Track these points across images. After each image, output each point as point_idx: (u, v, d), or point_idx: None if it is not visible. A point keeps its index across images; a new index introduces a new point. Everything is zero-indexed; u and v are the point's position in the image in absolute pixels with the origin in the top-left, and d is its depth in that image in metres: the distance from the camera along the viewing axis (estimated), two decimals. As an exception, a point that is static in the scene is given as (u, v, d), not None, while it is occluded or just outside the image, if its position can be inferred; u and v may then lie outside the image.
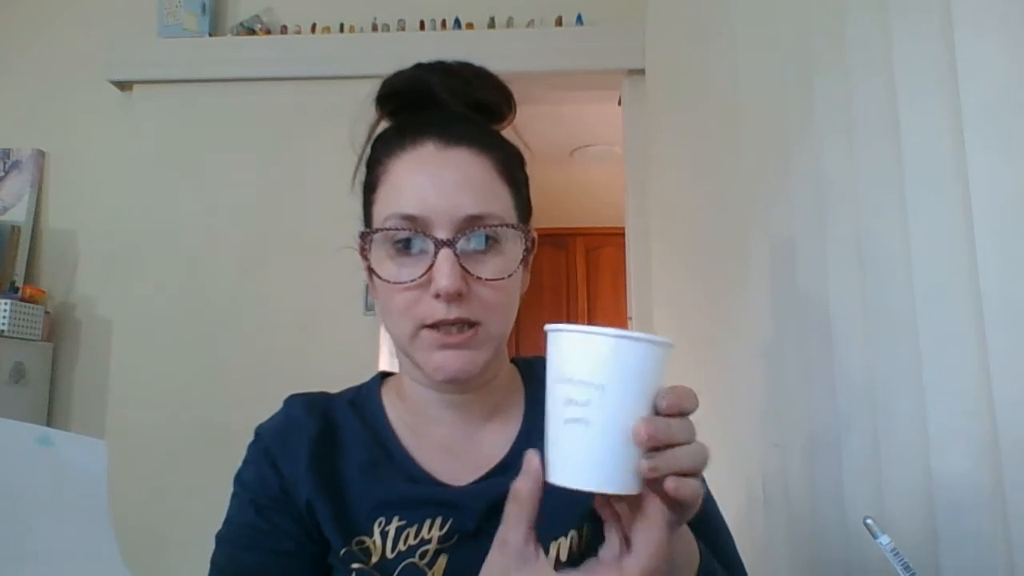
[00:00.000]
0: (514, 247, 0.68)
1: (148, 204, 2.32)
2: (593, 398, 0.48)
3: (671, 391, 0.51)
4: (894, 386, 0.73)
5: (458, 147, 0.67)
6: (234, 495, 0.72)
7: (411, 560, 0.66)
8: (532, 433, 0.72)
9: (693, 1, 1.67)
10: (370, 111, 0.77)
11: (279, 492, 0.69)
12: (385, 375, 0.80)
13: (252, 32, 2.40)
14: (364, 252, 0.70)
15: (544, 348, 0.54)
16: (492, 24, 2.37)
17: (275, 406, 0.75)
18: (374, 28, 2.40)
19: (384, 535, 0.67)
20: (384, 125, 0.76)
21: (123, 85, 2.42)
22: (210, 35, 2.42)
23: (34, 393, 2.26)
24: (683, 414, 0.50)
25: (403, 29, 2.39)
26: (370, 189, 0.71)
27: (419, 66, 0.73)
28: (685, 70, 1.75)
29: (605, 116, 2.72)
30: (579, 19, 2.36)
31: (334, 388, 0.78)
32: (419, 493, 0.69)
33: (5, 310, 2.13)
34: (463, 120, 0.70)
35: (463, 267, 0.63)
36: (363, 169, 0.74)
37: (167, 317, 2.25)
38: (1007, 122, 0.59)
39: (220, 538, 0.70)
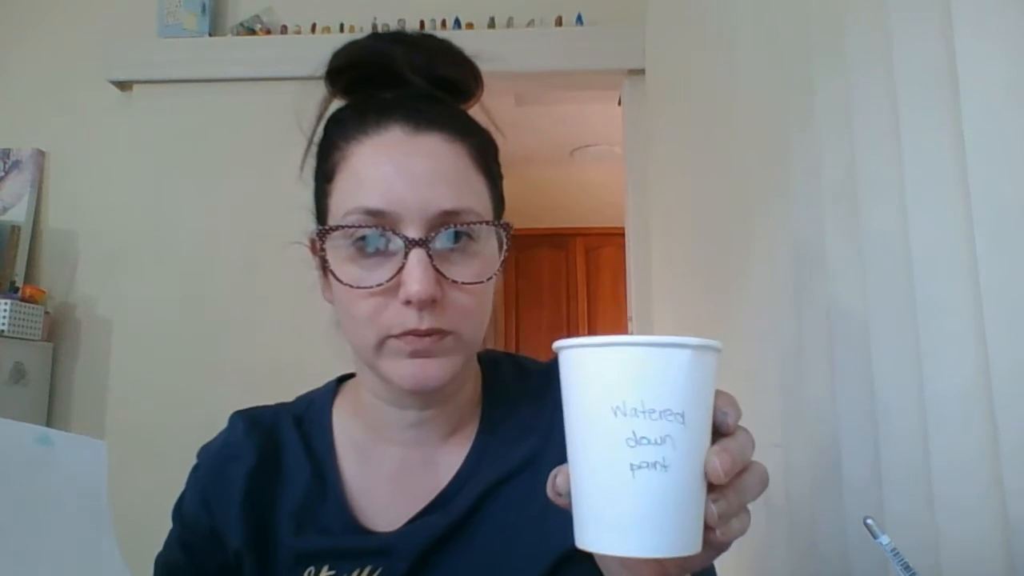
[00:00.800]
0: (490, 246, 0.61)
1: (148, 204, 2.32)
2: (672, 433, 0.37)
3: (728, 400, 0.42)
4: (894, 386, 0.73)
5: (429, 133, 0.58)
6: (173, 520, 0.69)
7: None
8: (483, 455, 0.66)
9: (693, 1, 1.67)
10: (318, 87, 0.67)
11: (208, 533, 0.65)
12: (344, 379, 0.74)
13: (252, 32, 2.40)
14: (317, 250, 0.61)
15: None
16: (492, 24, 2.37)
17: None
18: (374, 28, 2.40)
19: None
20: (337, 104, 0.67)
21: (123, 85, 2.42)
22: (210, 35, 2.42)
23: (34, 393, 2.26)
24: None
25: (403, 29, 2.39)
26: (325, 178, 0.62)
27: (376, 36, 0.65)
28: (685, 70, 1.75)
29: (605, 116, 2.72)
30: (579, 19, 2.36)
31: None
32: (350, 542, 0.63)
33: (5, 310, 2.13)
34: (432, 101, 0.62)
35: (436, 269, 0.56)
36: (313, 154, 0.66)
37: (167, 317, 2.25)
38: (1007, 122, 0.59)
39: (157, 563, 0.67)
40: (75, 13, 2.52)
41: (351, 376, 0.73)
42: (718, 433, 0.41)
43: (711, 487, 0.39)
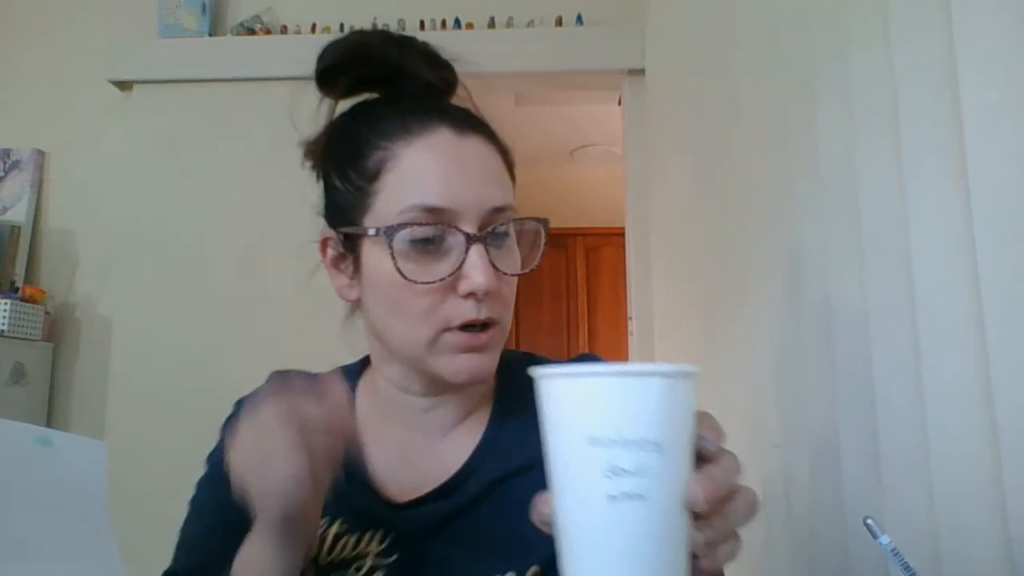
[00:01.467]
0: (515, 241, 0.65)
1: (148, 204, 2.32)
2: (649, 462, 0.36)
3: (709, 424, 0.40)
4: (894, 386, 0.73)
5: (474, 135, 0.62)
6: (200, 487, 0.71)
7: (345, 574, 0.62)
8: (496, 443, 0.68)
9: (693, 1, 1.67)
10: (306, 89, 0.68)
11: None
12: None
13: (252, 32, 2.40)
14: (339, 247, 0.64)
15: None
16: (492, 24, 2.37)
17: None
18: (374, 28, 2.40)
19: (323, 539, 0.63)
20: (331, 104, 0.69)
21: (123, 85, 2.42)
22: (210, 35, 2.42)
23: (34, 393, 2.26)
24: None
25: (403, 29, 2.39)
26: (367, 178, 0.63)
27: (362, 33, 0.66)
28: (685, 70, 1.75)
29: (605, 116, 2.73)
30: (579, 19, 2.36)
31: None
32: (365, 503, 0.65)
33: (5, 310, 2.13)
34: (450, 103, 0.66)
35: (492, 263, 0.59)
36: (322, 155, 0.67)
37: (167, 317, 2.24)
38: (1007, 122, 0.59)
39: (184, 533, 0.70)
40: (75, 13, 2.52)
41: None
42: (701, 459, 0.39)
43: (696, 514, 0.38)
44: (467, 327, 0.60)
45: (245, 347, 2.20)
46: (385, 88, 0.67)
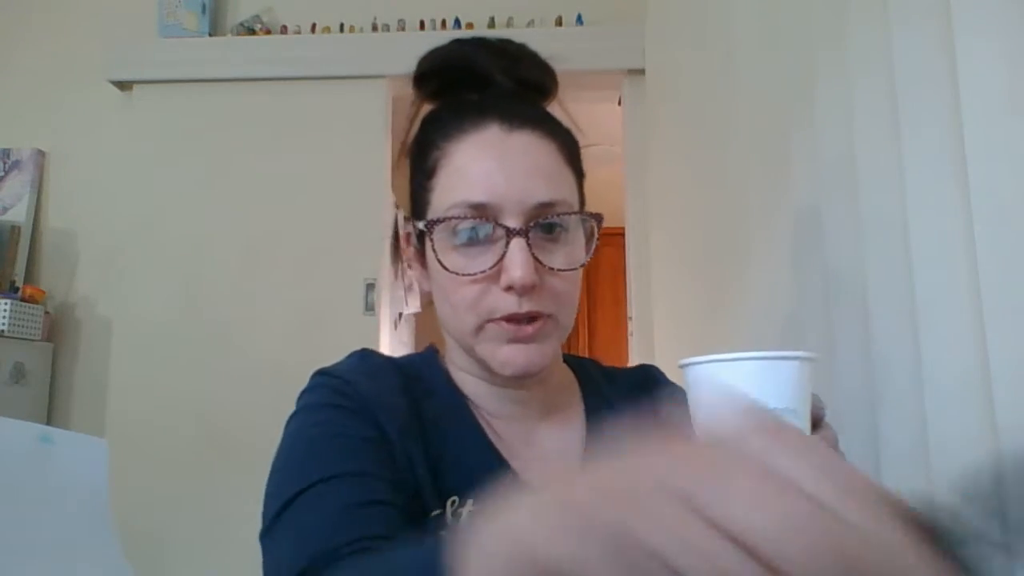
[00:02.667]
0: (578, 236, 0.65)
1: (148, 204, 2.32)
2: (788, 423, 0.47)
3: (818, 399, 0.50)
4: (894, 384, 0.73)
5: (523, 130, 0.63)
6: (308, 409, 0.61)
7: None
8: (598, 440, 0.68)
9: (693, 1, 1.67)
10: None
11: (362, 407, 0.60)
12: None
13: (252, 32, 2.40)
14: (412, 243, 0.66)
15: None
16: (492, 24, 2.37)
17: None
18: (374, 28, 2.40)
19: (456, 516, 0.60)
20: (426, 108, 0.71)
21: (123, 85, 2.42)
22: (210, 35, 2.42)
23: (34, 393, 2.26)
24: None
25: (403, 29, 2.39)
26: (425, 175, 0.65)
27: (459, 42, 0.69)
28: (685, 70, 1.75)
29: (605, 116, 2.72)
30: (579, 19, 2.36)
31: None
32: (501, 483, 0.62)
33: (5, 310, 2.13)
34: (522, 101, 0.67)
35: (535, 257, 0.60)
36: (407, 156, 0.69)
37: (167, 317, 2.25)
38: (1007, 123, 0.59)
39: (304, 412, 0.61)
40: (75, 13, 2.53)
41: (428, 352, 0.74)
42: (814, 424, 0.50)
43: None
44: (512, 319, 0.60)
45: (244, 347, 2.20)
46: (476, 92, 0.68)
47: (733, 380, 0.46)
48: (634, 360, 2.23)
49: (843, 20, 0.82)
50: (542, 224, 0.60)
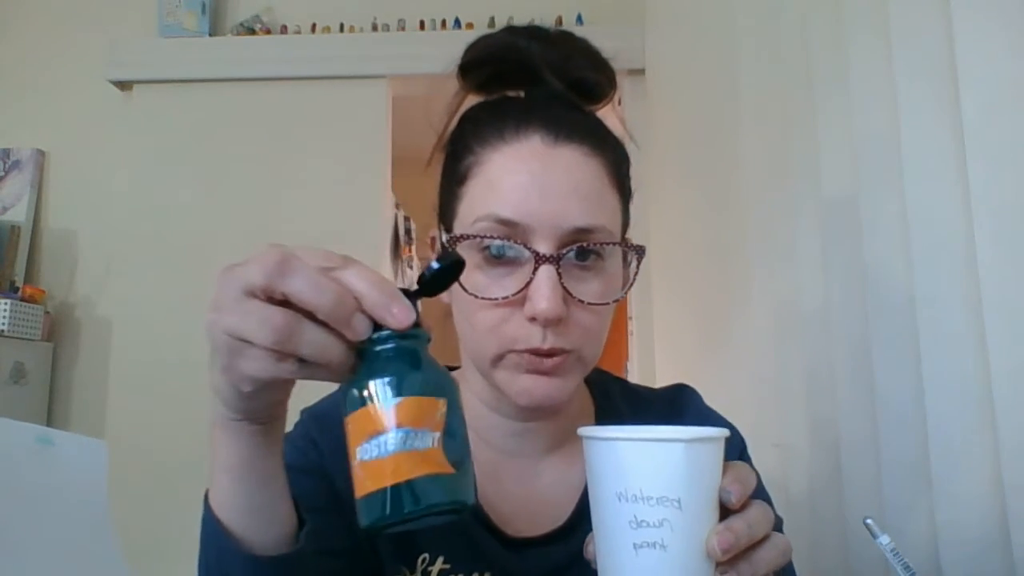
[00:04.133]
0: (615, 264, 0.59)
1: (148, 204, 2.32)
2: (669, 517, 0.40)
3: (734, 477, 0.42)
4: (894, 386, 0.73)
5: (568, 144, 0.56)
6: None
7: None
8: None
9: (693, 1, 1.67)
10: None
11: (316, 467, 0.59)
12: None
13: (252, 32, 2.40)
14: (436, 251, 0.60)
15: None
16: (492, 24, 2.37)
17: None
18: (374, 28, 2.40)
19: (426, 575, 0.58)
20: (470, 100, 0.64)
21: (123, 85, 2.42)
22: (210, 35, 2.42)
23: (34, 393, 2.26)
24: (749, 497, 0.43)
25: (403, 29, 2.39)
26: (457, 181, 0.60)
27: (511, 30, 0.62)
28: (685, 70, 1.75)
29: (605, 116, 2.72)
30: (579, 19, 2.36)
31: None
32: (476, 539, 0.59)
33: (5, 310, 2.13)
34: (571, 108, 0.60)
35: (564, 288, 0.54)
36: (442, 152, 0.63)
37: (167, 317, 2.24)
38: (1007, 122, 0.59)
39: None
40: (75, 13, 2.52)
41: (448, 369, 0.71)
42: (728, 510, 0.43)
43: (721, 561, 0.41)
44: (535, 353, 0.55)
45: (245, 347, 2.20)
46: (524, 87, 0.62)
47: (611, 460, 0.42)
48: (634, 360, 2.23)
49: (844, 19, 0.82)
50: (576, 251, 0.55)
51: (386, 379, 0.38)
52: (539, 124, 0.57)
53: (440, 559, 0.59)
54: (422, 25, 2.38)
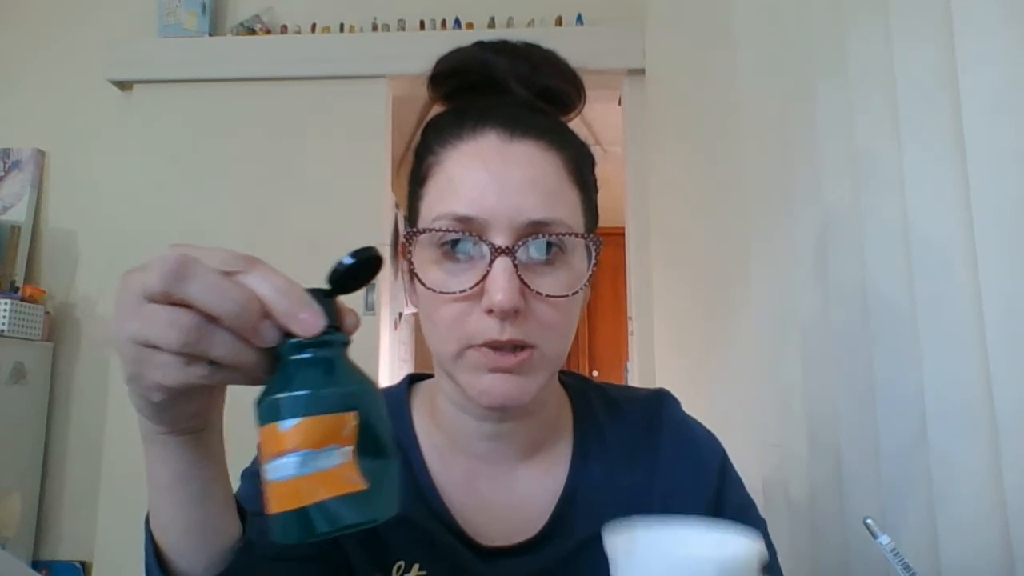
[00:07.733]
0: (580, 259, 0.59)
1: (148, 204, 2.32)
2: None
3: None
4: (894, 386, 0.73)
5: (524, 140, 0.57)
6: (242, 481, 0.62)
7: None
8: (579, 492, 0.63)
9: (693, 1, 1.67)
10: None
11: None
12: (414, 379, 0.71)
13: (252, 32, 2.40)
14: (406, 252, 0.59)
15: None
16: (492, 24, 2.37)
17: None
18: (374, 28, 2.40)
19: None
20: (436, 110, 0.66)
21: (123, 85, 2.42)
22: (210, 35, 2.42)
23: (34, 393, 2.26)
24: None
25: (403, 29, 2.39)
26: (418, 182, 0.61)
27: (480, 44, 0.63)
28: (685, 70, 1.75)
29: (605, 116, 2.72)
30: (579, 19, 2.36)
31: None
32: (450, 548, 0.60)
33: (5, 310, 2.13)
34: (530, 109, 0.61)
35: (522, 280, 0.54)
36: (410, 158, 0.64)
37: (167, 317, 2.24)
38: (1008, 123, 0.59)
39: (246, 473, 0.62)
40: (75, 13, 2.52)
41: (420, 377, 0.71)
42: None
43: None
44: (493, 346, 0.55)
45: (245, 347, 2.20)
46: (490, 96, 0.62)
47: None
48: (634, 360, 2.23)
49: (844, 20, 0.82)
50: (534, 244, 0.55)
51: (294, 394, 0.37)
52: (496, 122, 0.58)
53: (416, 566, 0.59)
54: (422, 25, 2.39)
